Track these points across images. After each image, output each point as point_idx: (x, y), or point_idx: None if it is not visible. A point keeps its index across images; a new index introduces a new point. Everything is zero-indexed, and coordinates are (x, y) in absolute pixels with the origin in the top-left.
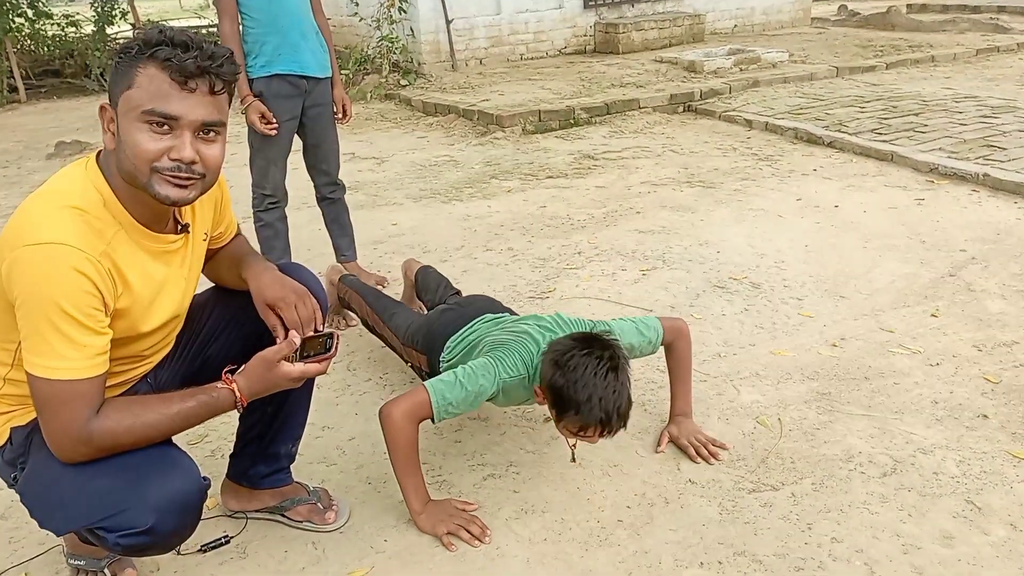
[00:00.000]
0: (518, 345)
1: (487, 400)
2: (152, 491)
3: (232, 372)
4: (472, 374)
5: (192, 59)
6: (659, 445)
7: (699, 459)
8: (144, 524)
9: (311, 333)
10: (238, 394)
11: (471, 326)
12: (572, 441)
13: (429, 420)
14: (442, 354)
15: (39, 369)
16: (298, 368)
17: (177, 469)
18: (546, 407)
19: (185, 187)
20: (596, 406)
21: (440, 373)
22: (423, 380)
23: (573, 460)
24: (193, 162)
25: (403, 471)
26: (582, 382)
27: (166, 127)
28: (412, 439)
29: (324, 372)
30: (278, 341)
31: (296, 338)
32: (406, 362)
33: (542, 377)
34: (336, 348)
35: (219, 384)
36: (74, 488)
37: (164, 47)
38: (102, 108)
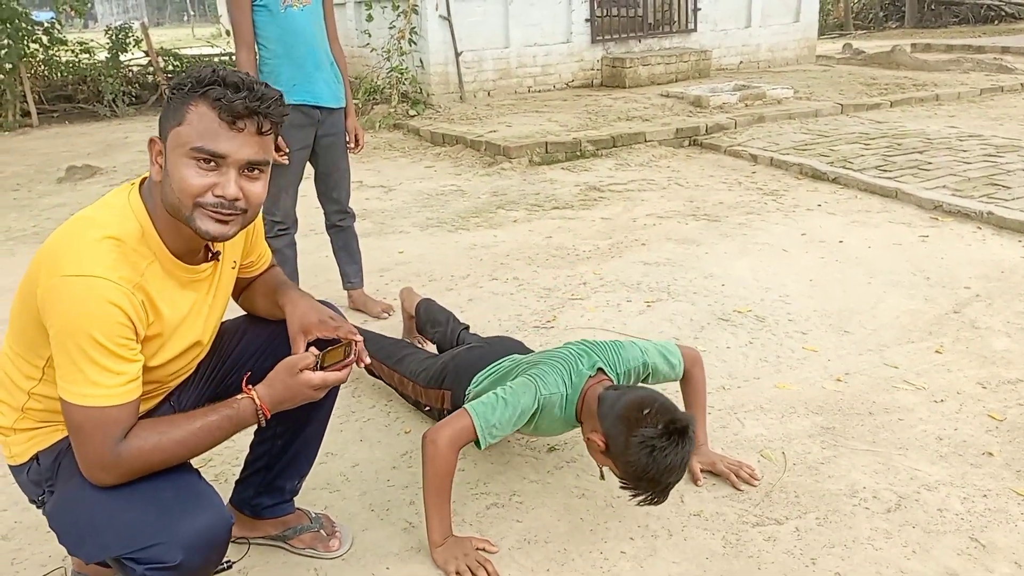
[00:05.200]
0: (555, 363)
1: (536, 430)
2: (183, 528)
3: (251, 383)
4: (513, 392)
5: (242, 100)
6: (697, 480)
7: (741, 484)
8: (174, 560)
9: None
10: (258, 402)
11: (499, 362)
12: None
13: (474, 445)
14: (468, 387)
15: (73, 396)
16: (319, 376)
17: (207, 506)
18: (596, 451)
19: (226, 223)
20: (668, 488)
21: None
22: (436, 418)
23: (602, 478)
24: (236, 199)
25: (433, 500)
26: (670, 472)
27: (212, 164)
28: (451, 467)
29: (344, 380)
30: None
31: (316, 349)
32: (422, 406)
33: (623, 450)
34: (355, 355)
35: (239, 396)
36: (106, 518)
37: (216, 87)
38: (152, 141)
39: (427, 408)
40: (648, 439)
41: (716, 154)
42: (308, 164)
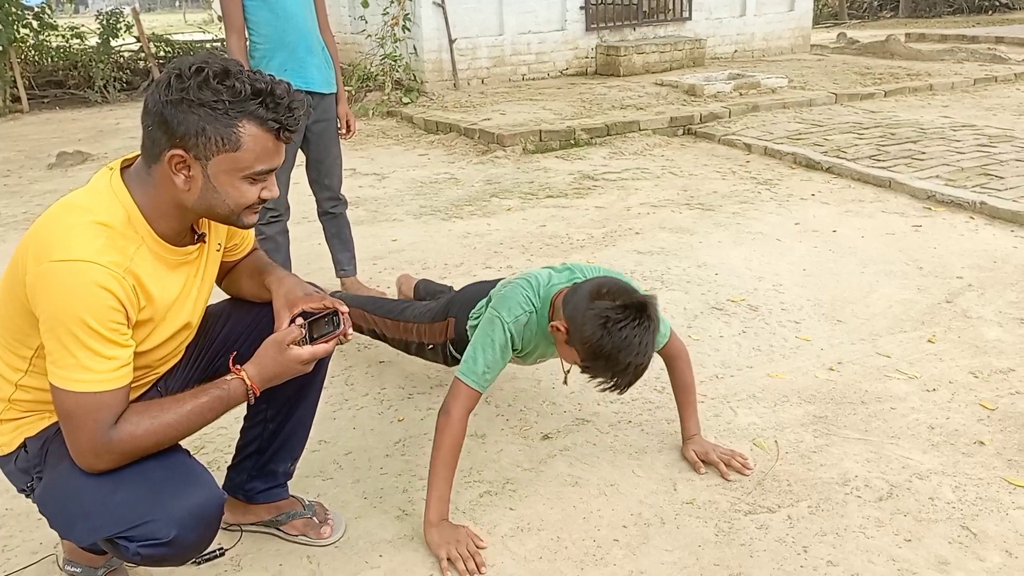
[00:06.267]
0: (516, 286)
1: (523, 358)
2: (175, 504)
3: (238, 362)
4: (483, 335)
5: (289, 118)
6: (699, 468)
7: (732, 474)
8: (167, 536)
9: (315, 311)
10: (248, 382)
11: None
12: (567, 368)
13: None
14: (472, 311)
15: (64, 382)
16: (307, 350)
17: (198, 482)
18: (560, 341)
19: (258, 211)
20: (630, 372)
21: (466, 334)
22: (441, 360)
23: (566, 383)
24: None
25: (439, 474)
26: (627, 350)
27: (264, 175)
28: (461, 437)
29: (331, 352)
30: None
31: (302, 320)
32: (425, 347)
33: (580, 326)
34: (344, 325)
35: (228, 376)
36: (97, 500)
37: (259, 107)
38: (177, 156)
39: (430, 347)
40: (603, 310)
41: (710, 143)
42: (300, 151)
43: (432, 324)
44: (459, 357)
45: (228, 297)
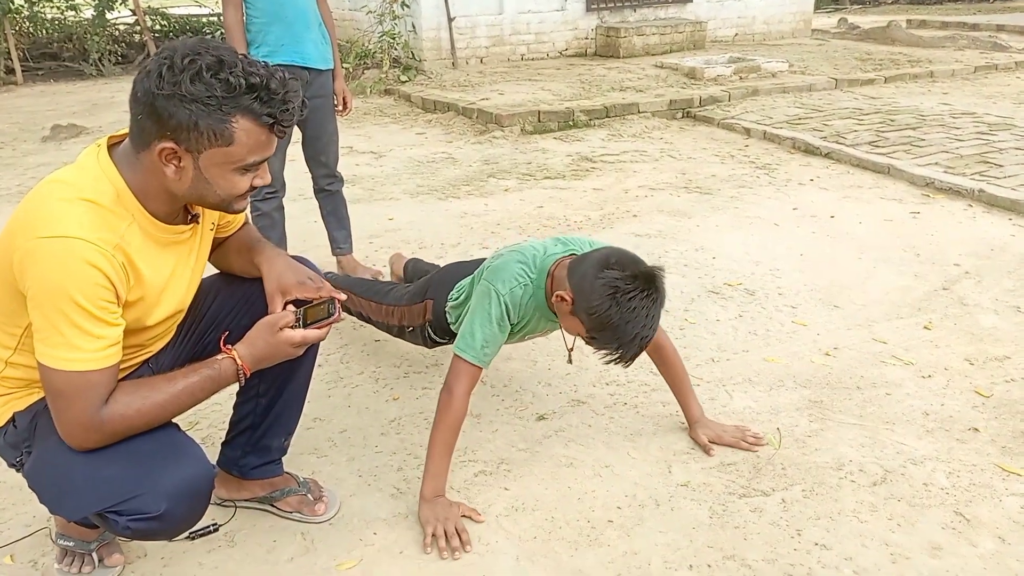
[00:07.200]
0: (509, 258)
1: (516, 333)
2: (165, 478)
3: (229, 342)
4: (477, 308)
5: (284, 112)
6: (709, 451)
7: (726, 457)
8: (157, 510)
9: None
10: (239, 362)
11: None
12: (571, 345)
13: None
14: (451, 292)
15: (53, 360)
16: (299, 333)
17: (188, 456)
18: (565, 313)
19: (249, 196)
20: (636, 345)
21: (444, 316)
22: (421, 342)
23: (570, 362)
24: None
25: (436, 451)
26: (635, 322)
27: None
28: (461, 417)
29: (323, 338)
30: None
31: (294, 308)
32: (406, 329)
33: (588, 296)
34: (339, 313)
35: (219, 355)
36: (86, 475)
37: (253, 101)
38: (168, 149)
39: (410, 329)
40: (612, 279)
41: (709, 127)
42: (296, 127)
43: (411, 306)
44: (438, 339)
45: (216, 272)
